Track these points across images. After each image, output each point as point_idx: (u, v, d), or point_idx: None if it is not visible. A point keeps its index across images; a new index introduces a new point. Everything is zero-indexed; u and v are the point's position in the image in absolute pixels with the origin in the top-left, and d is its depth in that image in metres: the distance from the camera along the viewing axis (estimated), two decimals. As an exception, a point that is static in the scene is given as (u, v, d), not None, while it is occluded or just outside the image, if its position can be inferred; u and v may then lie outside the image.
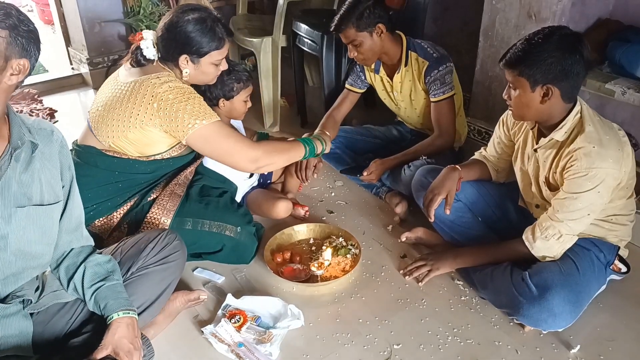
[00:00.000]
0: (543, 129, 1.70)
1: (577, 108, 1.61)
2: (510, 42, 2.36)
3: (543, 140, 1.68)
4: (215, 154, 1.86)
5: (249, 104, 2.20)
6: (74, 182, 1.43)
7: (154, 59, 1.84)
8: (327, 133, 2.29)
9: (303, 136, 2.19)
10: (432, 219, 1.93)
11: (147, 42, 1.81)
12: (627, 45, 2.14)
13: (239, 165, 1.88)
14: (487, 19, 2.43)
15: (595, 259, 1.70)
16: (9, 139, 1.26)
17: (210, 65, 1.85)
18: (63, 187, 1.38)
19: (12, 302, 1.31)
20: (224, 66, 1.90)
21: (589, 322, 1.72)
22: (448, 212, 1.89)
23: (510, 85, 1.62)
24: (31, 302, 1.36)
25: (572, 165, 1.57)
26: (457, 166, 1.95)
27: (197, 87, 1.92)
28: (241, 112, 2.19)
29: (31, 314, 1.37)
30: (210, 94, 2.07)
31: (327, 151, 2.16)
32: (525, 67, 1.55)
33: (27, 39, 1.19)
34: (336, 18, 2.26)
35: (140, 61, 1.84)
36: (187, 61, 1.82)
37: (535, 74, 1.54)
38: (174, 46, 1.80)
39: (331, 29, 2.30)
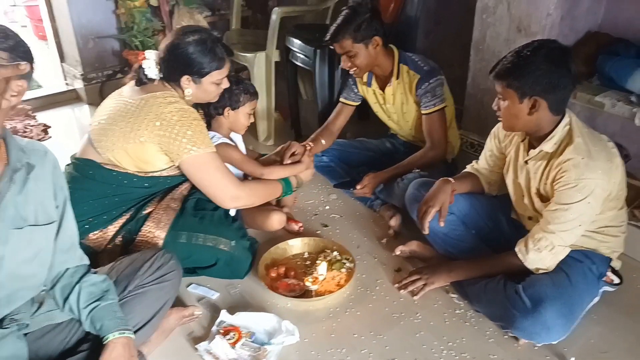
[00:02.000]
0: (533, 141, 1.72)
1: (566, 120, 1.63)
2: (501, 56, 2.39)
3: (533, 152, 1.70)
4: (202, 184, 1.89)
5: (252, 119, 2.23)
6: (67, 202, 1.43)
7: (156, 78, 1.86)
8: (304, 164, 2.27)
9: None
10: (426, 232, 1.93)
11: (150, 62, 1.85)
12: (617, 58, 2.17)
13: (219, 200, 1.93)
14: (477, 33, 2.46)
15: (588, 270, 1.70)
16: (7, 160, 1.26)
17: (212, 85, 1.89)
18: (57, 207, 1.38)
19: (9, 325, 1.30)
20: (225, 84, 1.94)
21: (583, 334, 1.73)
22: (442, 224, 1.90)
23: (500, 96, 1.65)
24: (27, 325, 1.35)
25: (561, 177, 1.59)
26: (450, 179, 1.96)
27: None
28: (244, 125, 2.22)
29: (25, 334, 1.36)
30: (217, 102, 2.09)
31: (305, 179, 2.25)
32: (514, 79, 1.58)
33: (24, 60, 1.20)
34: (332, 28, 2.28)
35: (142, 80, 1.87)
36: (189, 81, 1.86)
37: (523, 86, 1.57)
38: (175, 67, 1.84)
39: (327, 39, 2.32)
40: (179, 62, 1.83)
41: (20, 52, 1.20)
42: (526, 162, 1.74)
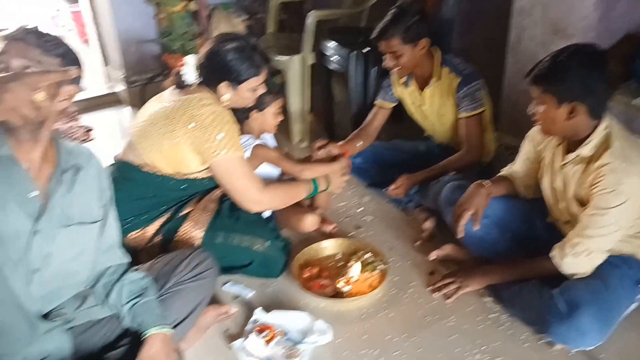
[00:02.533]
0: (570, 145, 1.70)
1: (604, 123, 1.61)
2: (537, 58, 2.35)
3: (570, 156, 1.68)
4: (227, 187, 1.92)
5: (280, 117, 2.26)
6: (111, 203, 1.49)
7: (195, 83, 1.93)
8: (339, 166, 2.29)
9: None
10: (460, 235, 1.93)
11: (189, 67, 1.92)
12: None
13: (243, 204, 1.95)
14: (513, 36, 2.44)
15: (625, 276, 1.67)
16: (56, 162, 1.33)
17: (248, 91, 1.94)
18: (101, 207, 1.44)
19: (55, 320, 1.37)
20: (261, 90, 1.99)
21: (620, 340, 1.69)
22: (477, 228, 1.89)
23: (536, 101, 1.63)
24: (71, 320, 1.42)
25: (599, 181, 1.57)
26: (485, 182, 1.95)
27: None
28: (272, 124, 2.26)
29: (69, 328, 1.42)
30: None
31: (334, 187, 2.22)
32: (552, 83, 1.56)
33: (74, 66, 1.28)
34: (380, 26, 2.28)
35: (182, 84, 1.93)
36: (227, 87, 1.91)
37: (561, 91, 1.55)
38: (214, 73, 1.90)
39: (373, 36, 2.31)
40: (218, 69, 1.88)
41: (71, 58, 1.28)
42: (563, 166, 1.72)
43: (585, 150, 1.62)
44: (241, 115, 2.18)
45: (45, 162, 1.30)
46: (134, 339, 1.46)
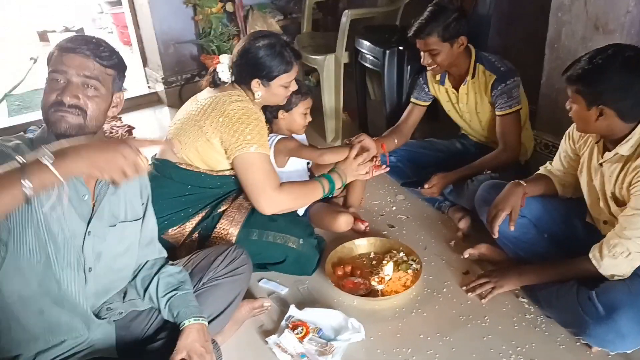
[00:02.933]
0: (608, 143, 1.66)
1: None
2: (577, 55, 2.29)
3: (608, 155, 1.64)
4: (245, 182, 1.93)
5: (309, 118, 2.27)
6: (149, 199, 1.55)
7: (228, 81, 1.96)
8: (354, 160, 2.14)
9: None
10: (495, 236, 1.91)
11: (223, 66, 1.96)
12: None
13: (259, 203, 1.93)
14: (552, 31, 2.39)
15: (666, 278, 1.62)
16: None
17: (280, 88, 1.96)
18: (142, 204, 1.51)
19: (106, 315, 1.44)
20: (294, 87, 2.01)
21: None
22: (512, 228, 1.87)
23: (570, 99, 1.62)
24: (121, 313, 1.49)
25: (638, 181, 1.53)
26: (522, 181, 1.92)
27: None
28: (301, 125, 2.27)
29: (114, 320, 1.49)
30: (271, 106, 2.16)
31: (351, 178, 2.11)
32: (583, 86, 1.55)
33: (124, 74, 1.36)
34: (418, 24, 2.26)
35: (216, 82, 1.98)
36: (259, 84, 1.94)
37: (592, 94, 1.54)
38: (246, 71, 1.93)
39: (410, 34, 2.30)
40: (249, 66, 1.92)
41: (122, 68, 1.36)
42: (601, 164, 1.69)
43: (624, 148, 1.59)
44: (269, 115, 2.21)
45: None
46: (171, 332, 1.51)
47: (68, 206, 1.28)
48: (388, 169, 2.17)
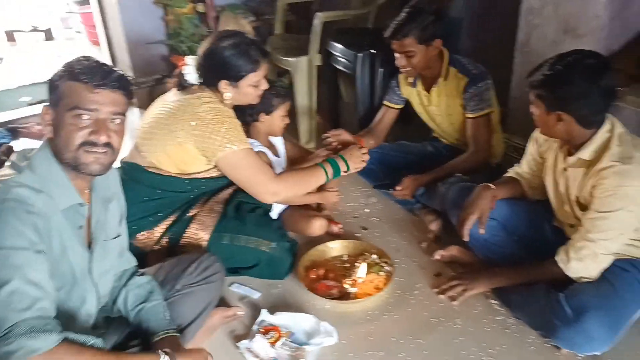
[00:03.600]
0: (571, 148, 1.69)
1: (606, 127, 1.60)
2: (546, 58, 2.35)
3: (571, 159, 1.67)
4: (238, 180, 1.93)
5: (287, 120, 2.25)
6: (124, 211, 1.54)
7: (196, 83, 1.93)
8: (356, 146, 2.19)
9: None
10: (465, 239, 1.92)
11: (190, 68, 1.91)
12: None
13: (259, 196, 1.94)
14: (523, 35, 2.42)
15: (634, 280, 1.64)
16: (91, 186, 1.38)
17: (249, 87, 1.92)
18: (121, 218, 1.50)
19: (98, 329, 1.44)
20: (264, 86, 1.97)
21: (629, 346, 1.67)
22: (482, 231, 1.88)
23: (533, 103, 1.65)
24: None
25: (601, 184, 1.56)
26: (491, 185, 1.94)
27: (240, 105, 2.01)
28: (279, 127, 2.25)
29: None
30: (251, 109, 2.13)
31: (354, 167, 2.11)
32: (544, 91, 1.58)
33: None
34: (394, 25, 2.24)
35: (184, 85, 1.93)
36: (227, 85, 1.90)
37: (551, 100, 1.57)
38: (212, 72, 1.89)
39: (387, 35, 2.27)
40: (215, 67, 1.88)
41: (128, 88, 1.34)
42: (565, 169, 1.71)
43: (585, 153, 1.62)
44: (249, 118, 2.18)
45: (85, 189, 1.36)
46: (144, 340, 1.48)
47: (73, 241, 1.29)
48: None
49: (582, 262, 1.63)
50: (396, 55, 2.32)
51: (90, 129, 1.24)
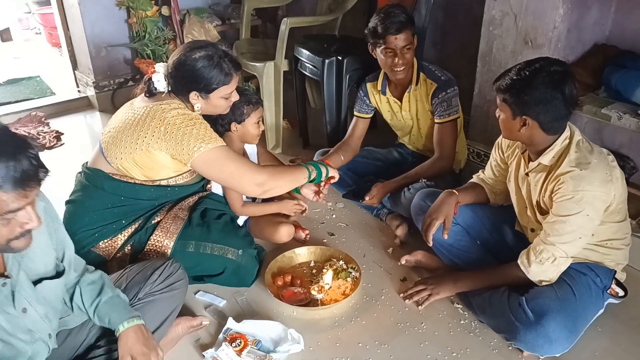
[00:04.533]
0: (531, 154, 1.74)
1: (565, 134, 1.66)
2: (507, 67, 2.40)
3: (532, 165, 1.72)
4: (220, 178, 1.90)
5: (262, 127, 2.21)
6: (58, 227, 1.43)
7: (165, 91, 1.89)
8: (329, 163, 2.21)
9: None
10: (430, 244, 1.95)
11: (159, 76, 1.87)
12: (623, 70, 2.18)
13: (245, 188, 1.92)
14: (484, 45, 2.48)
15: (592, 283, 1.71)
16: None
17: (220, 99, 1.90)
18: (54, 243, 1.41)
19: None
20: (235, 97, 1.94)
21: (588, 347, 1.73)
22: (446, 236, 1.91)
23: (498, 108, 1.69)
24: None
25: (559, 189, 1.61)
26: (455, 190, 1.97)
27: (211, 115, 1.99)
28: (254, 135, 2.20)
29: None
30: (222, 119, 2.11)
31: (332, 175, 2.12)
32: (510, 96, 1.62)
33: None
34: (391, 22, 2.25)
35: (152, 92, 1.90)
36: (197, 96, 1.87)
37: (517, 105, 1.62)
38: (183, 83, 1.85)
39: (391, 31, 2.26)
40: (186, 79, 1.84)
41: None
42: (527, 174, 1.76)
43: (546, 159, 1.67)
44: (221, 128, 2.14)
45: None
46: (111, 337, 1.48)
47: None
48: (335, 179, 2.16)
49: (542, 265, 1.68)
50: (384, 56, 2.32)
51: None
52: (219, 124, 2.11)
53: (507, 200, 2.01)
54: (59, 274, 1.39)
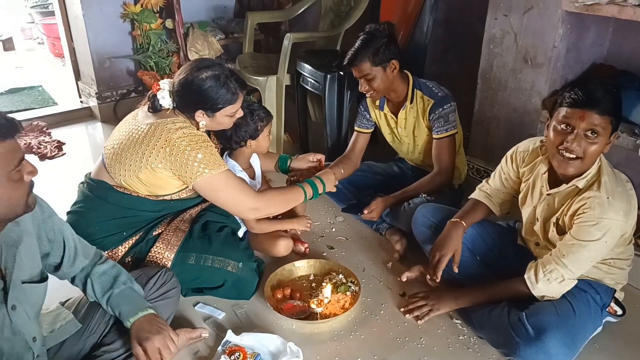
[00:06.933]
0: (556, 174, 1.70)
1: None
2: (507, 85, 2.45)
3: (564, 186, 1.69)
4: (219, 202, 1.93)
5: (271, 137, 2.28)
6: (57, 227, 1.47)
7: (170, 107, 1.90)
8: (331, 171, 2.30)
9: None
10: (437, 280, 1.95)
11: (164, 93, 1.87)
12: (621, 90, 2.20)
13: (241, 213, 2.04)
14: (484, 62, 2.51)
15: (592, 300, 1.72)
16: None
17: (225, 117, 1.92)
18: (48, 242, 1.44)
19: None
20: (239, 114, 1.97)
21: (586, 364, 1.73)
22: (456, 270, 1.92)
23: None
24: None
25: (584, 213, 1.60)
26: (460, 220, 1.96)
27: (223, 132, 2.07)
28: (265, 146, 2.27)
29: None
30: (237, 137, 2.15)
31: (329, 189, 2.18)
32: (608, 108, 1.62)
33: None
34: (350, 52, 2.32)
35: (156, 107, 1.90)
36: (203, 115, 1.89)
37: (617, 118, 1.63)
38: (189, 102, 1.87)
39: (345, 63, 2.35)
40: (193, 98, 1.85)
41: None
42: (550, 194, 1.75)
43: (582, 182, 1.64)
44: (236, 145, 2.18)
45: None
46: (120, 328, 1.55)
47: None
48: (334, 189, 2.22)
49: (550, 284, 1.68)
50: (360, 81, 2.38)
51: None
52: (234, 141, 2.16)
53: (509, 209, 2.01)
54: (42, 280, 1.41)
